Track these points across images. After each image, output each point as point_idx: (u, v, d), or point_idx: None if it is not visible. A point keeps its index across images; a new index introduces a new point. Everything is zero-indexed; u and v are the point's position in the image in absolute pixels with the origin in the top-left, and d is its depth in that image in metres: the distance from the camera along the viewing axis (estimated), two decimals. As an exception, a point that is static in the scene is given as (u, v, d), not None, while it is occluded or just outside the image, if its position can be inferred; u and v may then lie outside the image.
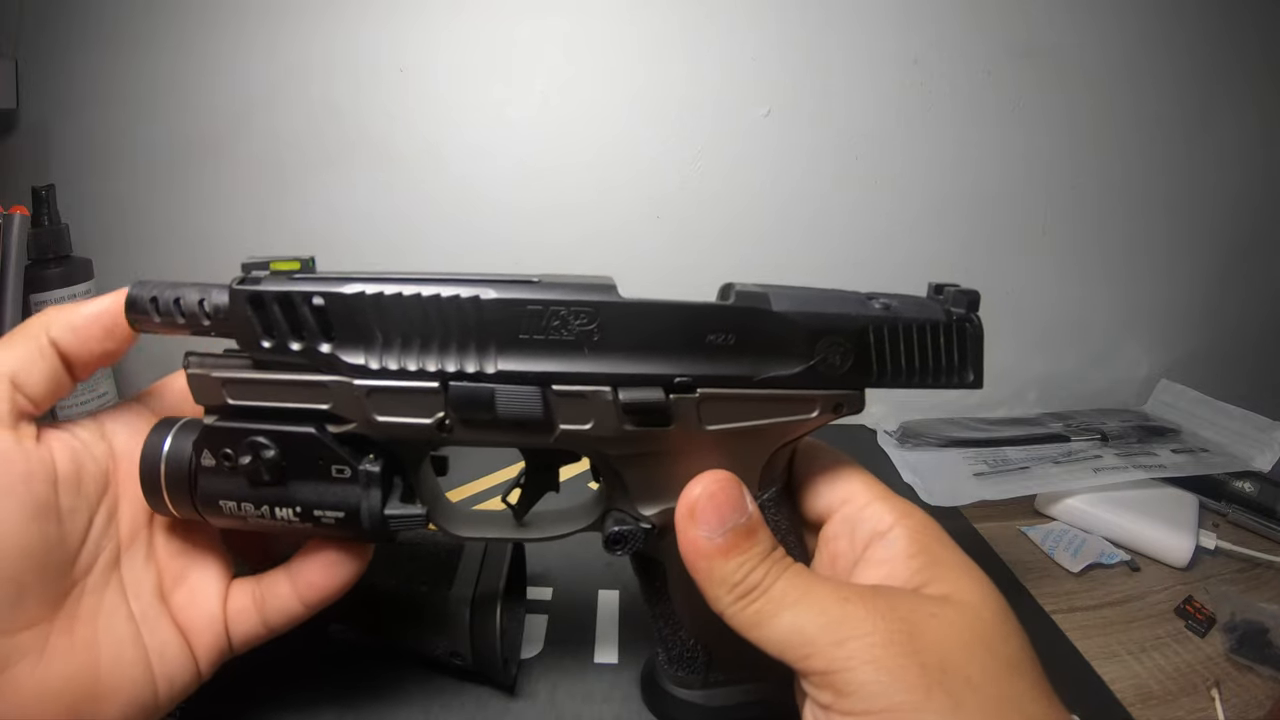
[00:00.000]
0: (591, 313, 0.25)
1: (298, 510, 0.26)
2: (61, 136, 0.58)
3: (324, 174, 0.60)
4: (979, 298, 0.28)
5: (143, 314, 0.25)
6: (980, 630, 0.23)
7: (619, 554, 0.28)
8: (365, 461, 0.26)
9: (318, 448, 0.26)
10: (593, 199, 0.63)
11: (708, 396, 0.26)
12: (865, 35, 0.61)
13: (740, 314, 0.26)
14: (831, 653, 0.22)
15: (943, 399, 0.70)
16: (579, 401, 0.26)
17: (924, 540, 0.26)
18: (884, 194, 0.65)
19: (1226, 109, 0.67)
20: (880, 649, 0.22)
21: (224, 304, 0.25)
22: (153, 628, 0.27)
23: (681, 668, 0.31)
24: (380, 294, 0.25)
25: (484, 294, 0.25)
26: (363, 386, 0.25)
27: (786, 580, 0.25)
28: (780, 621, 0.24)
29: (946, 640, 0.22)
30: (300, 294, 0.25)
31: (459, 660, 0.33)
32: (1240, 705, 0.37)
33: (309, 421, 0.26)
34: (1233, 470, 0.56)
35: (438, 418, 0.26)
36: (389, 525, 0.27)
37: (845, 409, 0.27)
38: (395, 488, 0.27)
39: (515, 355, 0.25)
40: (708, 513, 0.25)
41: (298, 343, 0.25)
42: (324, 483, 0.26)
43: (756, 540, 0.25)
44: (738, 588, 0.25)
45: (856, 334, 0.26)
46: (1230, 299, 0.74)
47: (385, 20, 0.57)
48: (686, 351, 0.26)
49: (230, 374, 0.26)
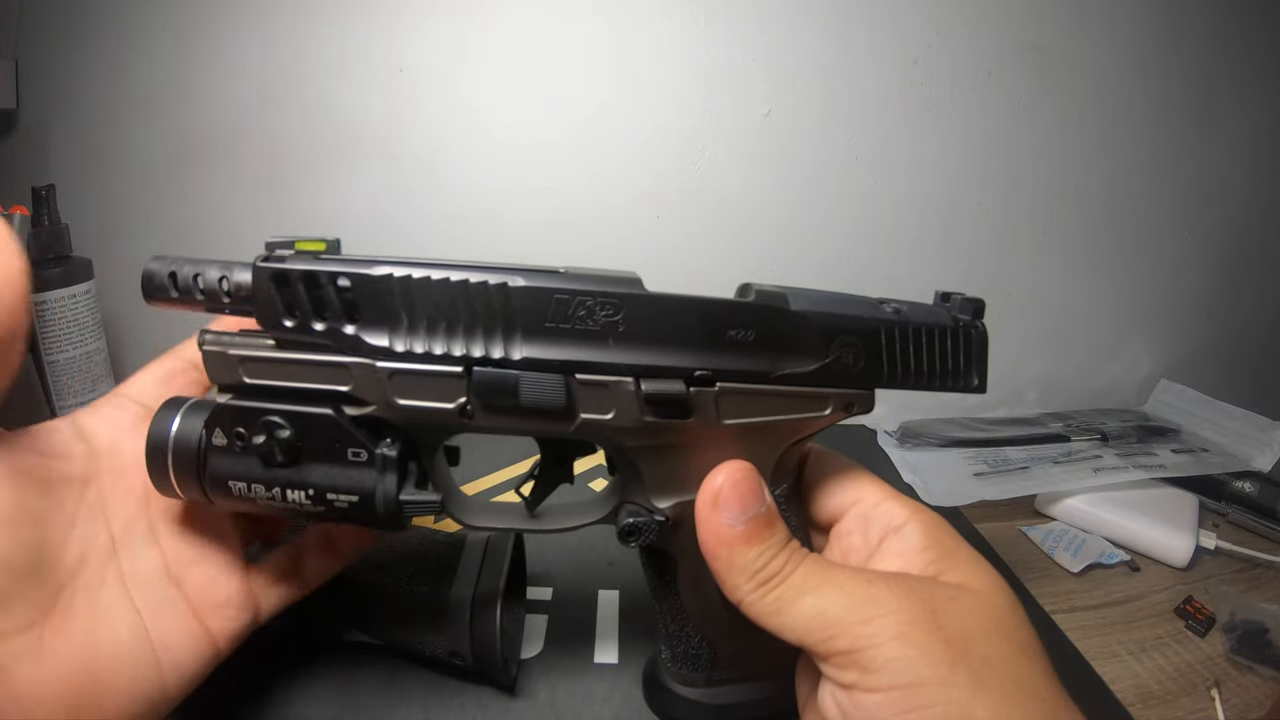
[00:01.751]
0: (617, 304, 0.25)
1: (310, 493, 0.26)
2: (61, 136, 0.58)
3: (323, 173, 0.60)
4: (984, 305, 0.29)
5: (160, 289, 0.25)
6: (995, 616, 0.24)
7: (632, 545, 0.28)
8: (382, 445, 0.26)
9: (334, 430, 0.26)
10: (593, 199, 0.63)
11: (726, 390, 0.27)
12: (865, 35, 0.61)
13: (760, 311, 0.26)
14: (857, 630, 0.23)
15: (943, 399, 0.70)
16: (601, 391, 0.26)
17: (937, 534, 0.27)
18: (885, 194, 0.65)
19: (1228, 110, 0.67)
20: (907, 625, 0.23)
21: (246, 281, 0.25)
22: (159, 615, 0.27)
23: (686, 665, 0.31)
24: (409, 277, 0.25)
25: (512, 281, 0.25)
26: (385, 369, 0.25)
27: (806, 567, 0.25)
28: (802, 605, 0.24)
29: (965, 622, 0.23)
30: (327, 273, 0.25)
31: (459, 660, 0.33)
32: (1240, 705, 0.37)
33: (326, 403, 0.26)
34: (1233, 470, 0.56)
35: (459, 403, 0.26)
36: (403, 511, 0.27)
37: (856, 408, 0.28)
38: (410, 474, 0.27)
39: (540, 342, 0.25)
40: (730, 500, 0.26)
41: (321, 323, 0.25)
42: (338, 466, 0.26)
43: (776, 530, 0.26)
44: (758, 575, 0.25)
45: (869, 335, 0.27)
46: (1231, 299, 0.74)
47: (385, 20, 0.57)
48: (707, 346, 0.26)
49: (248, 351, 0.25)
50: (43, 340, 0.50)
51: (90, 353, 0.52)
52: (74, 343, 0.51)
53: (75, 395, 0.52)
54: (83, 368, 0.52)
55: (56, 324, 0.50)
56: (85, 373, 0.52)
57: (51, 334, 0.50)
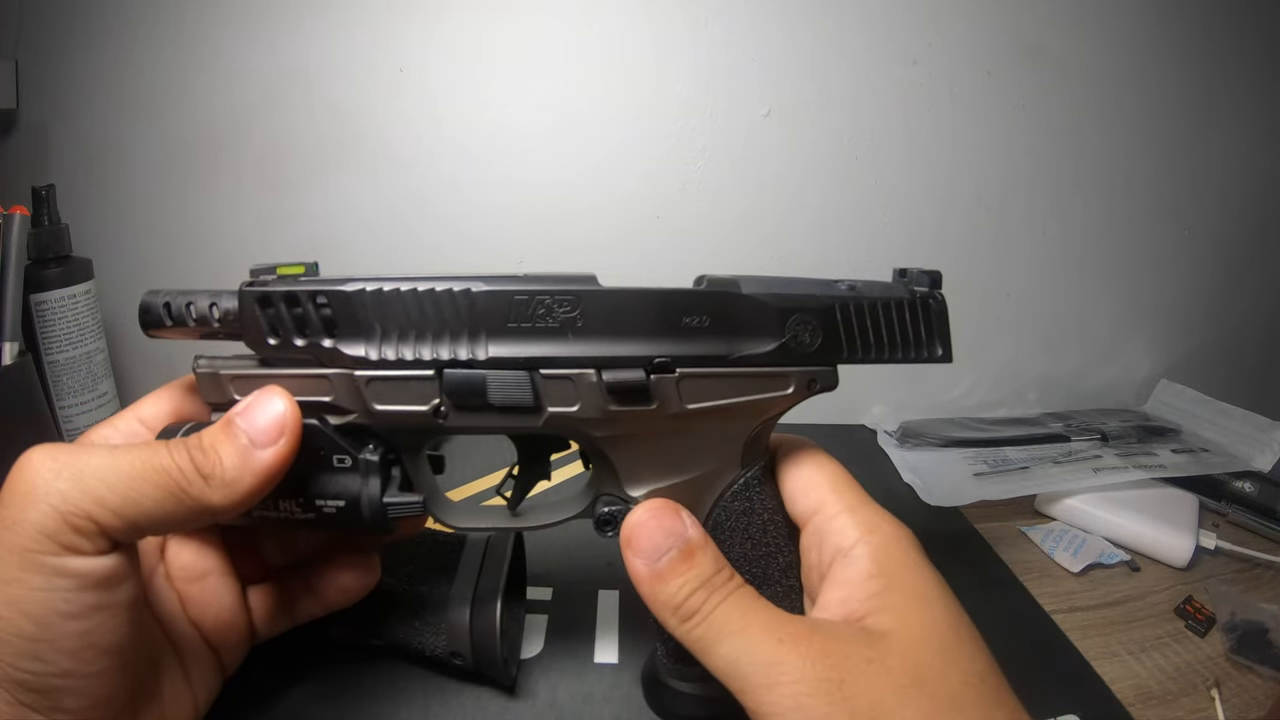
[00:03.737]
0: (574, 300, 0.27)
1: (300, 500, 0.27)
2: (61, 136, 0.58)
3: (323, 174, 0.60)
4: (940, 276, 0.30)
5: (156, 321, 0.27)
6: (918, 672, 0.23)
7: (610, 535, 0.29)
8: (365, 451, 0.28)
9: (320, 438, 0.27)
10: (593, 199, 0.63)
11: (686, 375, 0.28)
12: (865, 35, 0.61)
13: (712, 297, 0.28)
14: (761, 695, 0.23)
15: (943, 399, 0.70)
16: (565, 384, 0.27)
17: (884, 561, 0.26)
18: (884, 194, 0.65)
19: (1227, 110, 0.67)
20: (807, 698, 0.22)
21: (233, 307, 0.27)
22: (186, 643, 0.28)
23: (680, 660, 0.31)
24: (380, 290, 0.27)
25: (475, 287, 0.27)
26: (363, 376, 0.27)
27: (727, 607, 0.25)
28: (720, 650, 0.24)
29: (879, 686, 0.22)
30: (305, 293, 0.27)
31: (459, 660, 0.33)
32: (1240, 705, 0.37)
33: (310, 414, 0.27)
34: (1233, 470, 0.56)
35: (433, 404, 0.27)
36: (388, 514, 0.28)
37: (819, 385, 0.29)
38: (393, 479, 0.29)
39: (504, 342, 0.27)
40: (641, 540, 0.26)
41: (301, 339, 0.27)
42: (325, 473, 0.28)
43: (695, 564, 0.26)
44: (679, 610, 0.25)
45: (824, 312, 0.29)
46: (1230, 299, 0.74)
47: (385, 20, 0.57)
48: (664, 334, 0.28)
49: (237, 371, 0.27)
50: (43, 340, 0.50)
51: (90, 353, 0.52)
52: (74, 343, 0.51)
53: (75, 395, 0.52)
54: (82, 368, 0.52)
55: (56, 324, 0.50)
56: (85, 373, 0.52)
57: (51, 334, 0.50)
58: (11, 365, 0.45)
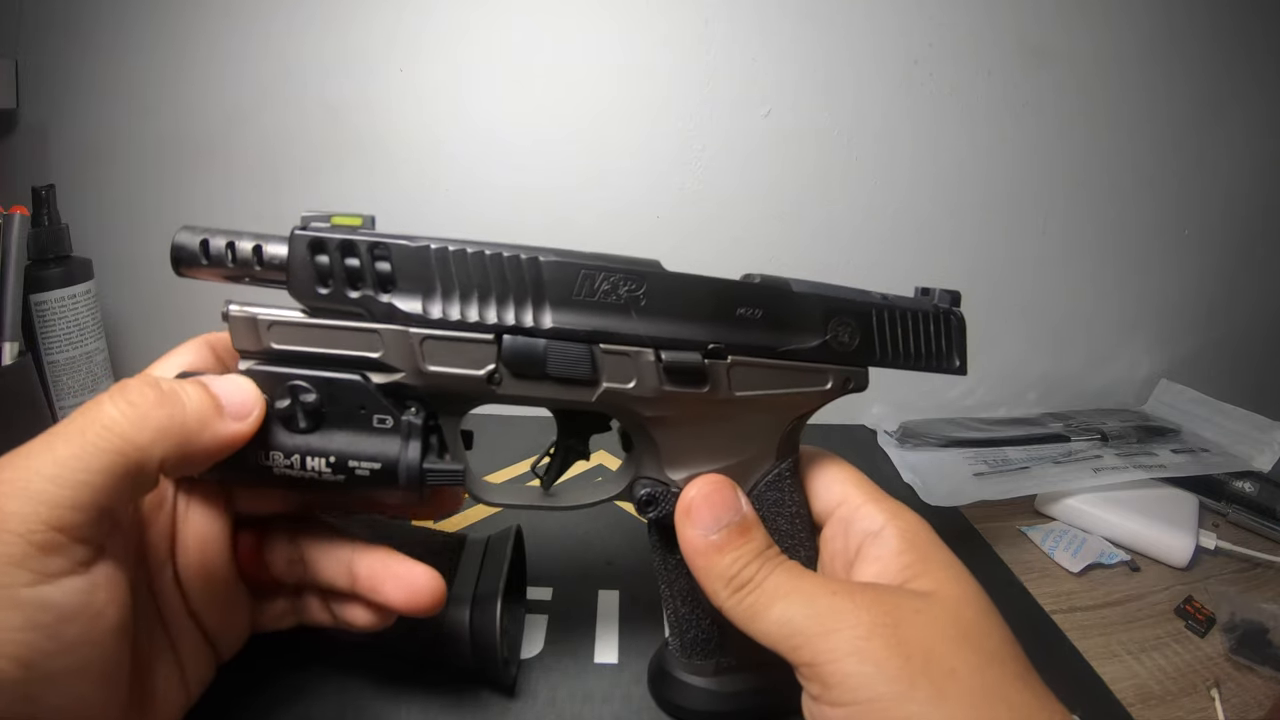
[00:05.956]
0: (639, 280, 0.27)
1: (330, 460, 0.26)
2: (61, 136, 0.58)
3: (323, 174, 0.60)
4: (960, 296, 0.32)
5: (190, 258, 0.26)
6: (963, 625, 0.24)
7: (650, 515, 0.30)
8: (408, 413, 0.27)
9: (362, 395, 0.26)
10: (592, 198, 0.62)
11: (737, 363, 0.29)
12: (866, 35, 0.61)
13: (767, 291, 0.29)
14: (818, 644, 0.23)
15: (943, 399, 0.70)
16: (624, 360, 0.28)
17: (913, 539, 0.27)
18: (885, 194, 0.65)
19: (1228, 110, 0.67)
20: (864, 640, 0.23)
21: (279, 252, 0.25)
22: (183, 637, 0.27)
23: (695, 653, 0.31)
24: (445, 249, 0.26)
25: (544, 256, 0.27)
26: (419, 334, 0.26)
27: (779, 575, 0.26)
28: (772, 613, 0.25)
29: (930, 634, 0.23)
30: (365, 243, 0.26)
31: (459, 660, 0.33)
32: (1240, 705, 0.38)
33: (352, 369, 0.26)
34: (1233, 470, 0.56)
35: (488, 370, 0.27)
36: (425, 480, 0.27)
37: (853, 384, 0.31)
38: (431, 446, 0.28)
39: (568, 313, 0.27)
40: (702, 512, 0.27)
41: (355, 291, 0.26)
42: (363, 433, 0.26)
43: (750, 537, 0.27)
44: (733, 580, 0.26)
45: (863, 316, 0.30)
46: (1231, 299, 0.74)
47: (385, 21, 0.57)
48: (720, 322, 0.28)
49: (279, 316, 0.26)
50: (42, 340, 0.50)
51: (90, 353, 0.52)
52: (74, 343, 0.51)
53: (75, 395, 0.52)
54: (82, 368, 0.52)
55: (56, 324, 0.50)
56: (85, 373, 0.52)
57: (51, 334, 0.50)
58: (11, 365, 0.45)
